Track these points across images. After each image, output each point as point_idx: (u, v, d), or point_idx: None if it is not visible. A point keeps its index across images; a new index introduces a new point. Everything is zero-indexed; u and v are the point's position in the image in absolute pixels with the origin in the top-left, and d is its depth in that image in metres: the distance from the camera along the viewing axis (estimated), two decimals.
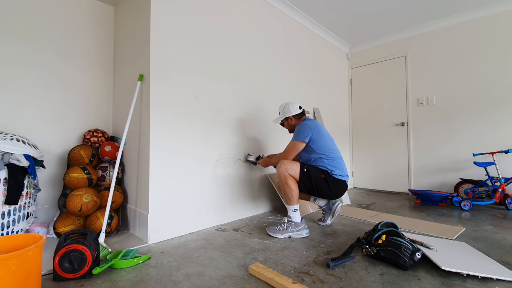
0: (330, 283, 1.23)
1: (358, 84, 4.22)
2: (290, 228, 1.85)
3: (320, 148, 1.95)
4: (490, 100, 3.07)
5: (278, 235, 1.84)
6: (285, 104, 2.15)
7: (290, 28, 3.13)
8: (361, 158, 4.13)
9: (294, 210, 1.90)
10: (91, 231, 1.39)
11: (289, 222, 1.88)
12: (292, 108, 2.11)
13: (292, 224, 1.87)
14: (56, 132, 2.10)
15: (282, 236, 1.83)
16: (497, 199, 2.64)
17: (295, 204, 1.90)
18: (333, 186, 1.94)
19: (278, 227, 1.89)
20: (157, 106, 1.85)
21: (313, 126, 1.99)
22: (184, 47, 2.02)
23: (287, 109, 2.12)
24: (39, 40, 2.03)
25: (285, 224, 1.88)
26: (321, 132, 1.99)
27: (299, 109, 2.13)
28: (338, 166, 1.97)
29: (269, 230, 1.90)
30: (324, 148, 1.96)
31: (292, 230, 1.85)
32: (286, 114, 2.12)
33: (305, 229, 1.88)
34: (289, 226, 1.86)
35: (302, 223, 1.89)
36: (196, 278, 1.28)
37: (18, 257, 0.95)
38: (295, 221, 1.88)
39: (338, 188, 1.96)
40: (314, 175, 1.92)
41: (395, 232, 1.54)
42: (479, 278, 1.25)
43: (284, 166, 1.91)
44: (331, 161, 1.96)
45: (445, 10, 3.19)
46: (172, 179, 1.91)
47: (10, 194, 1.53)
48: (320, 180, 1.92)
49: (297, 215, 1.90)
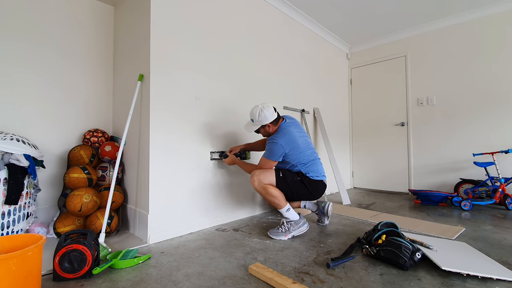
0: (330, 283, 1.23)
1: (358, 84, 4.22)
2: (292, 227, 1.85)
3: (294, 160, 1.91)
4: (490, 100, 3.07)
5: (281, 237, 1.82)
6: (259, 109, 1.87)
7: (290, 28, 3.13)
8: (361, 158, 4.13)
9: (287, 210, 1.87)
10: (91, 231, 1.39)
11: (288, 223, 1.87)
12: (269, 114, 1.86)
13: (292, 224, 1.86)
14: (56, 132, 2.10)
15: (286, 237, 1.82)
16: (497, 199, 2.64)
17: (285, 205, 1.87)
18: (310, 187, 1.91)
19: (280, 229, 1.86)
20: (157, 106, 1.85)
21: (286, 142, 1.83)
22: (184, 47, 2.02)
23: (263, 117, 1.86)
24: (39, 40, 2.03)
25: (285, 225, 1.86)
26: (295, 144, 1.87)
27: (274, 112, 1.91)
28: (313, 169, 1.93)
29: (271, 233, 1.87)
30: (299, 158, 1.91)
31: (294, 229, 1.84)
32: (263, 122, 1.88)
33: (304, 224, 1.88)
34: (290, 226, 1.85)
35: (300, 219, 1.88)
36: (196, 278, 1.28)
37: (18, 257, 0.95)
38: (294, 220, 1.87)
39: (316, 188, 1.94)
40: (290, 179, 1.89)
41: (395, 232, 1.54)
42: (479, 278, 1.25)
43: (257, 177, 1.84)
44: (305, 166, 1.92)
45: (445, 10, 3.18)
46: (172, 179, 1.91)
47: (10, 194, 1.53)
48: (296, 183, 1.89)
49: (292, 213, 1.88)
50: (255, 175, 1.86)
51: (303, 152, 1.91)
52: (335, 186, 3.65)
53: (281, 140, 1.84)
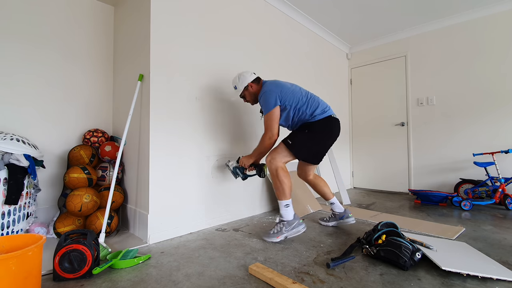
0: (330, 283, 1.23)
1: (358, 84, 4.22)
2: (284, 228, 1.73)
3: (292, 99, 1.82)
4: (490, 100, 3.07)
5: (273, 239, 1.73)
6: (237, 75, 1.99)
7: (290, 28, 3.13)
8: (361, 158, 4.13)
9: (286, 205, 1.76)
10: (91, 231, 1.39)
11: (281, 223, 1.76)
12: (247, 75, 1.95)
13: (285, 224, 1.74)
14: (56, 132, 2.10)
15: (278, 239, 1.72)
16: (497, 199, 2.64)
17: (288, 198, 1.76)
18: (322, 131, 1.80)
19: (272, 230, 1.77)
20: (157, 106, 1.85)
21: (273, 86, 1.84)
22: (185, 47, 2.02)
23: (243, 78, 1.94)
24: (40, 40, 2.03)
25: (278, 226, 1.76)
26: (283, 86, 1.86)
27: (254, 74, 1.97)
28: (317, 105, 1.84)
29: (265, 236, 1.79)
30: (295, 97, 1.83)
31: (287, 230, 1.73)
32: (244, 83, 1.94)
33: (300, 225, 1.76)
34: (283, 226, 1.74)
35: (295, 219, 1.75)
36: (196, 278, 1.28)
37: (18, 257, 0.95)
38: (287, 220, 1.75)
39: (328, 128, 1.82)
40: (300, 139, 1.80)
41: (395, 232, 1.54)
42: (479, 278, 1.25)
43: (271, 158, 1.81)
44: (306, 105, 1.82)
45: (445, 10, 3.19)
46: (172, 179, 1.91)
47: (10, 194, 1.53)
48: (307, 137, 1.79)
49: (289, 211, 1.76)
50: (268, 157, 1.82)
51: (296, 90, 1.86)
52: (335, 186, 3.65)
53: (268, 87, 1.85)
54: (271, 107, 1.80)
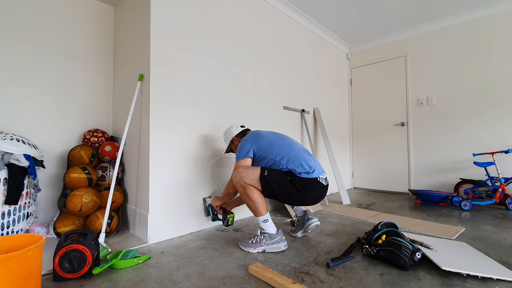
0: (330, 283, 1.23)
1: (358, 84, 4.22)
2: (264, 240, 1.59)
3: (271, 152, 1.67)
4: (490, 100, 3.07)
5: (250, 249, 1.59)
6: (226, 130, 1.99)
7: (291, 28, 3.13)
8: (361, 158, 4.13)
9: (264, 221, 1.62)
10: (91, 231, 1.39)
11: (262, 234, 1.62)
12: (233, 129, 1.92)
13: (266, 237, 1.60)
14: (56, 132, 2.10)
15: (255, 250, 1.58)
16: (497, 199, 2.64)
17: (264, 214, 1.62)
18: (302, 188, 1.59)
19: (251, 239, 1.63)
20: (157, 106, 1.85)
21: (251, 137, 1.75)
22: (184, 47, 2.02)
23: (229, 133, 1.93)
24: (40, 39, 2.03)
25: (257, 237, 1.62)
26: (262, 137, 1.73)
27: (241, 127, 1.93)
28: (303, 163, 1.63)
29: (241, 243, 1.66)
30: (276, 150, 1.67)
31: (266, 243, 1.58)
32: (229, 137, 1.92)
33: (282, 241, 1.61)
34: (263, 238, 1.60)
35: (278, 235, 1.61)
36: (196, 278, 1.28)
37: (18, 257, 0.95)
38: (269, 233, 1.61)
39: (309, 190, 1.61)
40: (277, 179, 1.59)
41: (395, 232, 1.54)
42: (479, 278, 1.25)
43: (239, 175, 1.61)
44: (291, 161, 1.64)
45: (445, 10, 3.19)
46: (172, 179, 1.91)
47: (10, 194, 1.53)
48: (284, 183, 1.59)
49: (269, 225, 1.62)
50: (237, 172, 1.63)
51: (276, 143, 1.70)
52: (335, 186, 3.65)
53: (246, 137, 1.77)
54: (241, 156, 1.69)
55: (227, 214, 1.92)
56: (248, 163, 1.69)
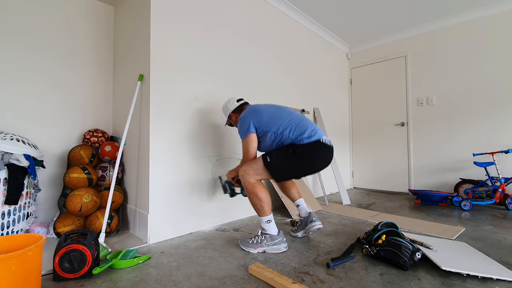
0: (330, 283, 1.23)
1: (358, 84, 4.22)
2: (265, 241, 1.59)
3: (272, 124, 1.65)
4: (490, 100, 3.07)
5: (250, 249, 1.59)
6: (224, 104, 1.96)
7: (290, 28, 3.13)
8: (361, 158, 4.13)
9: (268, 221, 1.63)
10: (91, 231, 1.39)
11: (263, 235, 1.61)
12: (230, 104, 1.89)
13: (267, 237, 1.60)
14: (56, 132, 2.10)
15: (255, 250, 1.58)
16: (497, 199, 2.64)
17: (267, 214, 1.63)
18: (307, 156, 1.57)
19: (252, 239, 1.62)
20: (157, 106, 1.85)
21: (249, 112, 1.73)
22: (184, 47, 2.02)
23: (225, 108, 1.91)
24: (39, 40, 2.03)
25: (258, 237, 1.61)
26: (260, 111, 1.71)
27: (237, 102, 1.89)
28: (303, 129, 1.62)
29: (241, 242, 1.66)
30: (276, 121, 1.65)
31: (267, 244, 1.58)
32: (226, 112, 1.91)
33: (282, 243, 1.60)
34: (264, 239, 1.60)
35: (279, 236, 1.61)
36: (196, 278, 1.28)
37: (18, 257, 0.95)
38: (270, 234, 1.61)
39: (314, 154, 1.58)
40: (281, 158, 1.59)
41: (395, 232, 1.54)
42: (479, 278, 1.25)
43: (243, 172, 1.63)
44: (290, 130, 1.63)
45: (445, 10, 3.18)
46: (172, 179, 1.91)
47: (10, 194, 1.53)
48: (289, 159, 1.58)
49: (271, 226, 1.63)
50: (241, 170, 1.66)
51: (276, 115, 1.69)
52: (335, 186, 3.65)
53: (243, 114, 1.76)
54: (244, 134, 1.70)
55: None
56: (253, 139, 1.69)
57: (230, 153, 2.35)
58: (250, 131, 1.68)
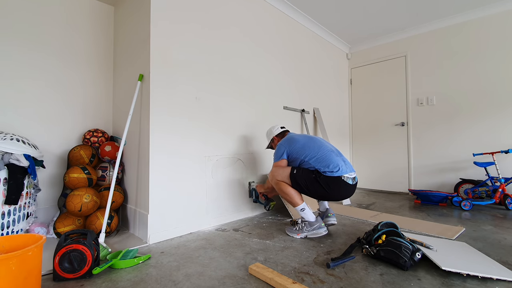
0: (330, 283, 1.23)
1: (358, 84, 4.22)
2: (305, 227, 1.86)
3: (301, 153, 1.92)
4: (490, 100, 3.07)
5: (294, 235, 1.87)
6: (268, 129, 2.32)
7: (290, 28, 3.13)
8: (361, 158, 4.13)
9: (302, 210, 1.87)
10: (91, 231, 1.39)
11: (303, 222, 1.89)
12: (274, 129, 2.25)
13: (306, 224, 1.86)
14: (56, 132, 2.10)
15: (298, 236, 1.85)
16: (497, 199, 2.64)
17: (299, 204, 1.87)
18: (326, 185, 1.80)
19: (295, 227, 1.91)
20: (157, 106, 1.85)
21: (286, 141, 2.04)
22: (184, 47, 2.02)
23: (270, 132, 2.27)
24: (39, 40, 2.03)
25: (300, 225, 1.89)
26: (295, 141, 1.99)
27: (281, 128, 2.24)
28: (327, 163, 1.83)
29: (287, 230, 1.96)
30: (305, 151, 1.91)
31: (308, 230, 1.85)
32: (270, 136, 2.26)
33: (321, 228, 1.85)
34: (304, 226, 1.86)
35: (317, 222, 1.85)
36: (196, 278, 1.28)
37: (18, 257, 0.95)
38: (308, 220, 1.86)
39: (333, 186, 1.80)
40: (305, 176, 1.85)
41: (395, 232, 1.54)
42: (479, 278, 1.25)
43: (273, 174, 1.98)
44: (317, 160, 1.86)
45: (445, 10, 3.18)
46: (172, 179, 1.91)
47: (10, 194, 1.53)
48: (310, 180, 1.83)
49: (307, 213, 1.87)
50: (271, 171, 2.00)
51: (306, 146, 1.94)
52: None
53: (281, 142, 2.07)
54: (277, 159, 2.01)
55: (269, 201, 2.33)
56: (283, 164, 1.99)
57: (230, 154, 2.35)
58: (282, 158, 1.99)
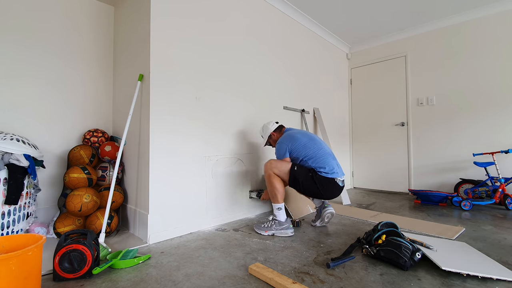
0: (330, 283, 1.23)
1: (358, 84, 4.22)
2: (274, 226, 1.92)
3: (300, 153, 1.99)
4: (490, 100, 3.07)
5: (262, 231, 1.93)
6: (262, 126, 2.29)
7: (290, 28, 3.13)
8: (361, 158, 4.13)
9: (279, 208, 1.95)
10: (91, 231, 1.39)
11: (273, 220, 1.95)
12: (270, 126, 2.23)
13: (276, 223, 1.93)
14: (56, 132, 2.10)
15: (266, 233, 1.92)
16: (497, 199, 2.64)
17: (280, 202, 1.95)
18: (320, 184, 1.90)
19: (264, 224, 1.97)
20: (157, 106, 1.85)
21: (286, 139, 2.05)
22: (184, 47, 2.02)
23: (266, 129, 2.24)
24: (39, 40, 2.03)
25: (269, 222, 1.95)
26: (297, 140, 2.02)
27: (276, 123, 2.23)
28: (324, 165, 1.92)
29: (255, 226, 2.01)
30: (305, 151, 1.98)
31: (276, 228, 1.91)
32: (267, 133, 2.22)
33: (289, 229, 1.91)
34: (273, 224, 1.93)
35: (286, 222, 1.93)
36: (196, 278, 1.28)
37: (18, 257, 0.95)
38: (279, 220, 1.93)
39: (326, 187, 1.91)
40: (303, 174, 1.92)
41: (395, 232, 1.54)
42: (479, 278, 1.25)
43: (271, 165, 1.98)
44: (314, 160, 1.94)
45: (445, 10, 3.18)
46: (172, 179, 1.91)
47: (10, 194, 1.53)
48: (307, 178, 1.91)
49: (281, 213, 1.95)
50: (269, 162, 1.99)
51: (307, 146, 1.99)
52: None
53: (282, 139, 2.08)
54: (278, 157, 2.05)
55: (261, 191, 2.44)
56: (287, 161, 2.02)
57: (230, 154, 2.35)
58: (285, 156, 2.03)
